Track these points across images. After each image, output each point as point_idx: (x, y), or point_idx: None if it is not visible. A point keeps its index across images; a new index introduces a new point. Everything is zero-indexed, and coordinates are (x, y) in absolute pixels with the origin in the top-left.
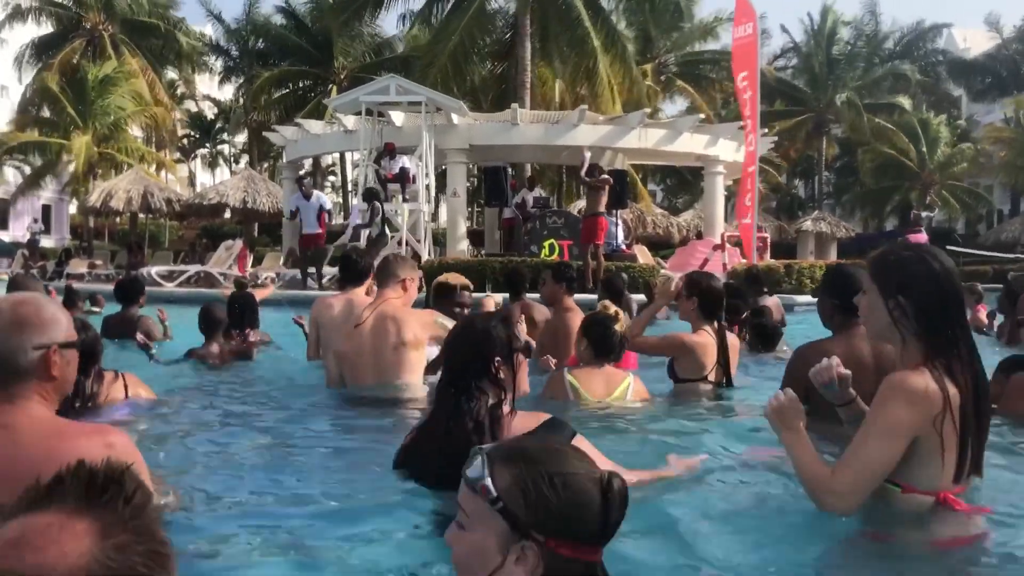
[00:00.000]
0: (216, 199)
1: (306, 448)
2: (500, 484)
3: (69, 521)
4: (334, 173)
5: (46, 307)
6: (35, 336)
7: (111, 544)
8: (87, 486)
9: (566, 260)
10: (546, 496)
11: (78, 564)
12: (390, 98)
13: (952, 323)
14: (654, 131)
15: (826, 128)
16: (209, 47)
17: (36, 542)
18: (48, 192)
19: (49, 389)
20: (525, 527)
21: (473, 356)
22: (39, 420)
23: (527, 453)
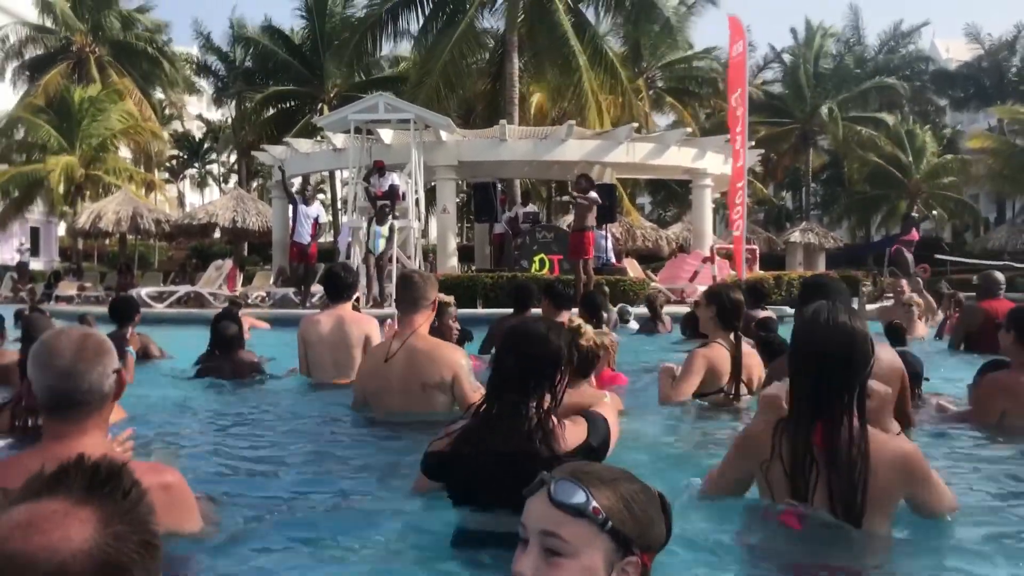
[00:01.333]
0: (205, 219)
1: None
2: (604, 503)
3: (74, 509)
4: (323, 191)
5: (103, 336)
6: (112, 360)
7: (110, 532)
8: (90, 478)
9: (556, 275)
10: (644, 510)
11: (80, 548)
12: (379, 116)
13: (803, 381)
14: (642, 145)
15: (812, 140)
16: (197, 68)
17: (43, 526)
18: (36, 215)
19: (110, 412)
20: (629, 544)
21: (540, 363)
22: (105, 449)
23: (610, 472)
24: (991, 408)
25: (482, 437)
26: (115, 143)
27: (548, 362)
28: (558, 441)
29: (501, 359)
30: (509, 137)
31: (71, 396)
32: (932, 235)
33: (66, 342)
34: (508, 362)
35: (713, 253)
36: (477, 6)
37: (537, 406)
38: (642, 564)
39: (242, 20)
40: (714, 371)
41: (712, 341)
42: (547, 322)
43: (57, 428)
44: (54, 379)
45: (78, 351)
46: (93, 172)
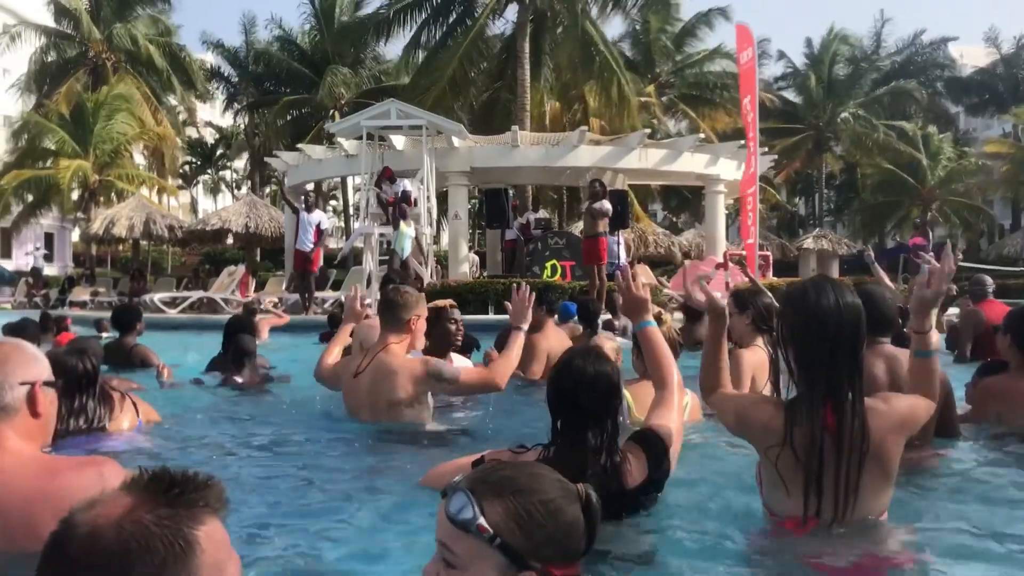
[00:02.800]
0: (218, 225)
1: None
2: (493, 519)
3: (124, 496)
4: (335, 197)
5: (27, 346)
6: (19, 372)
7: (134, 516)
8: (152, 480)
9: (568, 281)
10: (541, 524)
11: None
12: (391, 122)
13: (813, 363)
14: (654, 151)
15: (826, 146)
16: (210, 74)
17: (103, 502)
18: (50, 220)
19: (33, 428)
20: (524, 558)
21: (600, 399)
22: (26, 459)
23: (512, 482)
24: (986, 412)
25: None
26: (128, 149)
27: (608, 396)
28: (625, 477)
29: (561, 399)
30: (521, 143)
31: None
32: (947, 242)
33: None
34: (569, 401)
35: (726, 259)
36: (488, 12)
37: (602, 441)
38: (547, 574)
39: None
40: (757, 374)
41: (752, 345)
42: (591, 352)
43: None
44: None
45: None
46: (106, 178)
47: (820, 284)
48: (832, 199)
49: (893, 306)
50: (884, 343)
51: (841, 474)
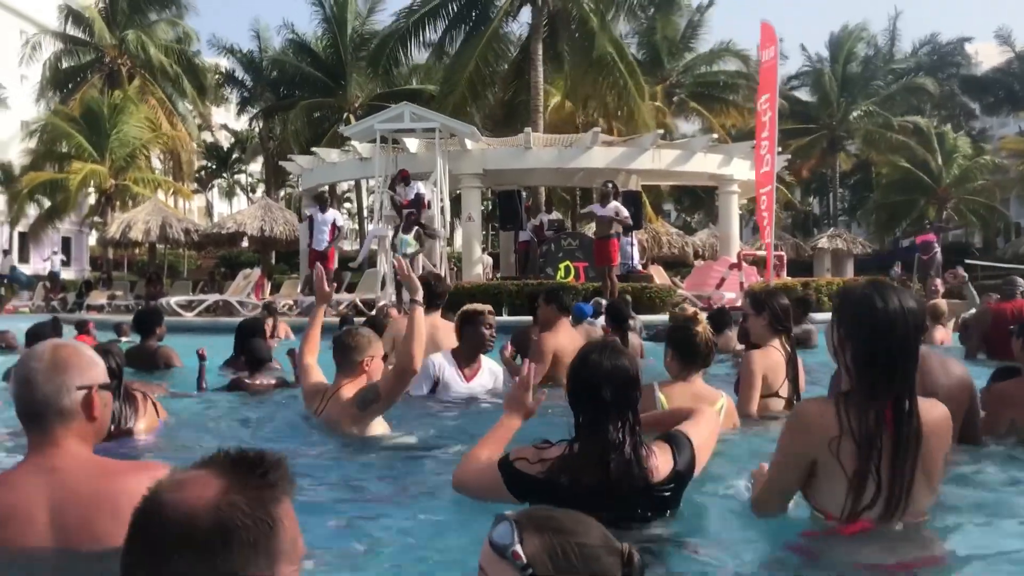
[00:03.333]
0: (234, 228)
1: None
2: (529, 551)
3: (214, 478)
4: (350, 200)
5: (85, 350)
6: (77, 377)
7: (228, 499)
8: (234, 460)
9: (582, 283)
10: (573, 566)
11: (205, 505)
12: (404, 125)
13: (878, 365)
14: (667, 152)
15: (840, 145)
16: (224, 78)
17: (187, 484)
18: (68, 224)
19: (89, 431)
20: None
21: (631, 389)
22: (84, 461)
23: (556, 522)
24: (999, 418)
25: (579, 468)
26: (145, 153)
27: (627, 388)
28: (651, 470)
29: (592, 392)
30: (534, 145)
31: (29, 405)
32: (962, 240)
33: (38, 352)
34: (602, 395)
35: (740, 259)
36: (502, 15)
37: (624, 434)
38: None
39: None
40: (769, 373)
41: (767, 346)
42: (610, 346)
43: (32, 438)
44: (16, 387)
45: (40, 362)
46: (123, 182)
47: (883, 288)
48: (847, 198)
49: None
50: None
51: (896, 472)
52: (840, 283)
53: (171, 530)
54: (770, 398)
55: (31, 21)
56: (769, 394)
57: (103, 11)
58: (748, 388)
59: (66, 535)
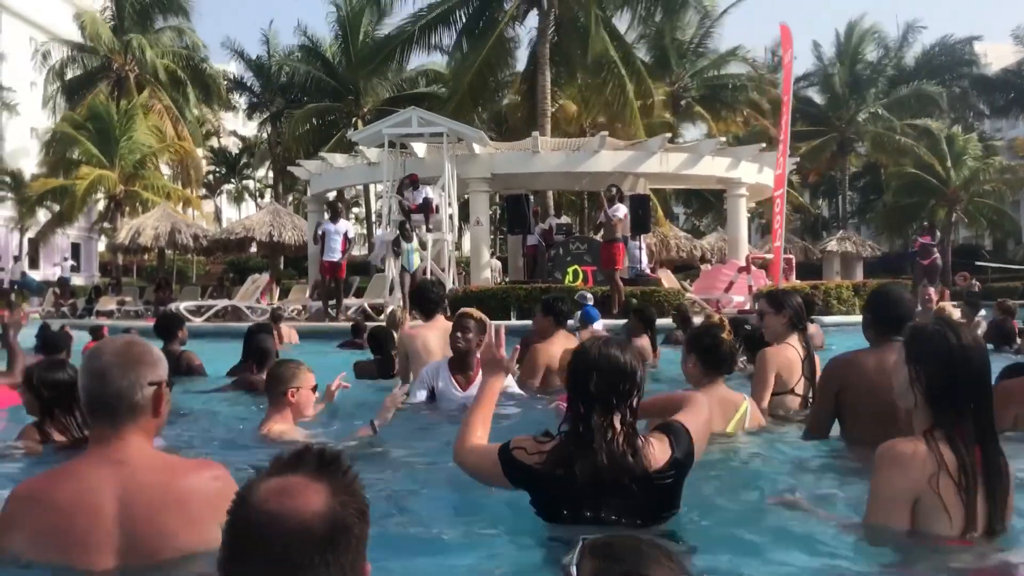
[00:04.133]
0: (242, 233)
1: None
2: (583, 573)
3: (311, 483)
4: (358, 205)
5: (153, 347)
6: (149, 373)
7: (338, 500)
8: (319, 460)
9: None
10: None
11: (318, 511)
12: (412, 130)
13: (958, 398)
14: (675, 155)
15: (850, 148)
16: (233, 84)
17: (291, 492)
18: (77, 230)
19: (152, 426)
20: None
21: (620, 382)
22: (150, 456)
23: (613, 550)
24: (1004, 415)
25: (571, 459)
26: (154, 160)
27: (627, 380)
28: (648, 459)
29: (582, 382)
30: (542, 149)
31: (101, 399)
32: (972, 243)
33: (109, 347)
34: (590, 385)
35: (748, 263)
36: (508, 19)
37: (619, 424)
38: None
39: (277, 34)
40: (783, 371)
41: (783, 343)
42: (615, 341)
43: (98, 432)
44: (88, 380)
45: (115, 356)
46: (132, 188)
47: (952, 325)
48: (856, 201)
49: (911, 307)
50: (899, 341)
51: (994, 497)
52: (849, 286)
53: (296, 540)
54: (785, 395)
55: (42, 29)
56: (784, 391)
57: (110, 18)
58: (760, 384)
59: (132, 528)
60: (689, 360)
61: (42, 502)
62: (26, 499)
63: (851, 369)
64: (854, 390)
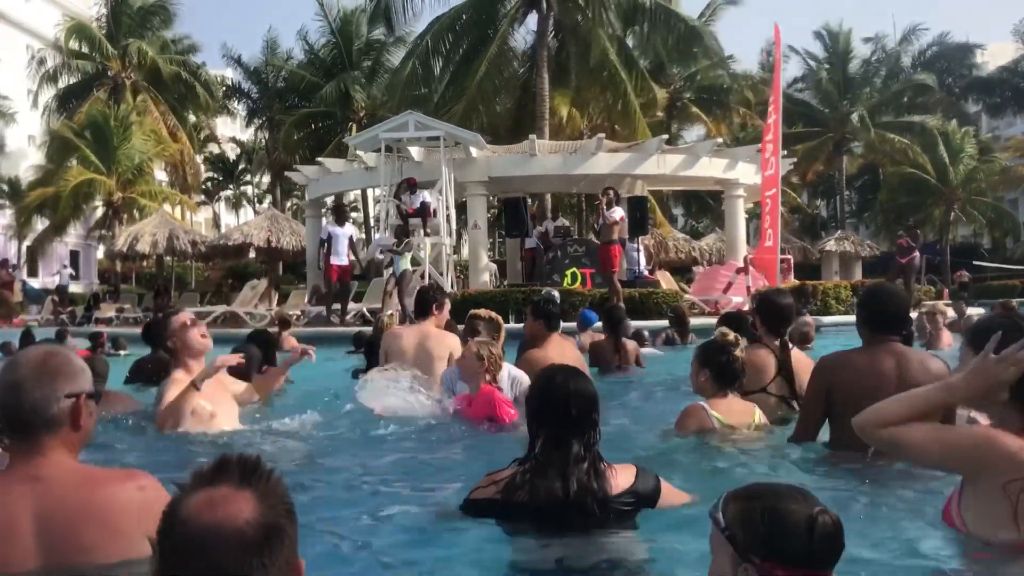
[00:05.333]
0: (240, 239)
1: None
2: (728, 517)
3: (239, 491)
4: (356, 209)
5: (75, 358)
6: (66, 385)
7: (267, 504)
8: (242, 468)
9: (589, 289)
10: (757, 525)
11: (251, 518)
12: (409, 134)
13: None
14: (672, 157)
15: (846, 147)
16: (230, 90)
17: (220, 503)
18: (75, 238)
19: (75, 440)
20: (744, 551)
21: (593, 409)
22: (69, 470)
23: (751, 491)
24: None
25: (539, 484)
26: (150, 166)
27: (594, 406)
28: (608, 481)
29: (549, 408)
30: (539, 152)
31: (16, 413)
32: (971, 242)
33: (25, 359)
34: (559, 411)
35: (747, 263)
36: (508, 23)
37: (586, 448)
38: (765, 571)
39: (275, 41)
40: (753, 368)
41: (758, 343)
42: (569, 368)
43: (16, 446)
44: (3, 393)
45: (31, 368)
46: (129, 195)
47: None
48: (854, 200)
49: (905, 306)
50: (894, 340)
51: None
52: (847, 286)
53: (234, 549)
54: (758, 394)
55: (38, 37)
56: (757, 389)
57: (105, 25)
58: None
59: (51, 546)
60: (700, 374)
61: None
62: None
63: (841, 368)
64: (845, 390)
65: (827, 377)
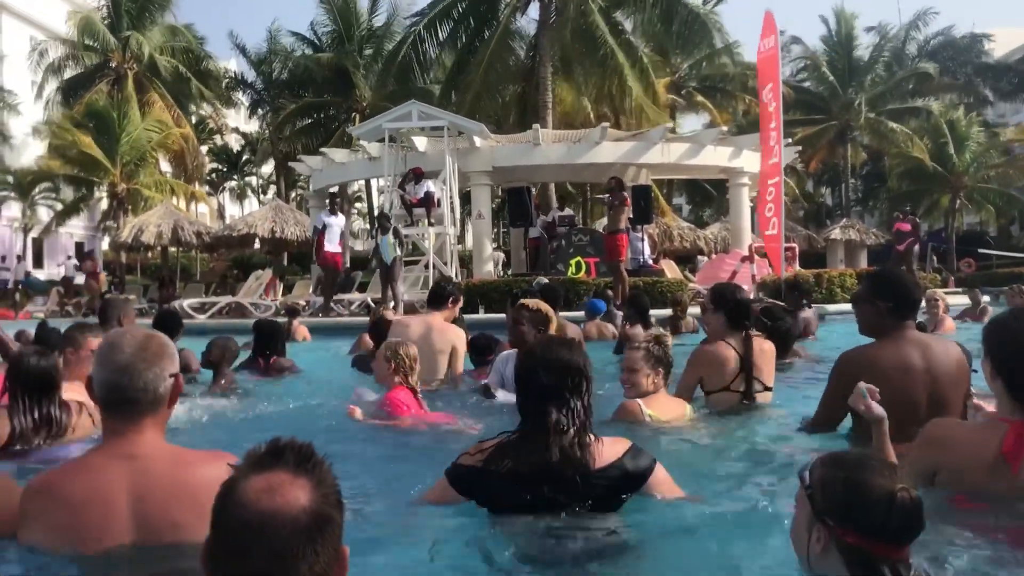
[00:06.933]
0: (245, 230)
1: None
2: (813, 478)
3: (295, 478)
4: (360, 199)
5: (169, 340)
6: (170, 365)
7: (320, 493)
8: (298, 455)
9: (593, 278)
10: (837, 492)
11: (306, 505)
12: (412, 124)
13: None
14: (677, 145)
15: (850, 135)
16: (234, 81)
17: (279, 489)
18: (81, 229)
19: (166, 417)
20: (820, 512)
21: (565, 376)
22: (162, 450)
23: (840, 459)
24: None
25: (521, 453)
26: (154, 156)
27: (573, 375)
28: (594, 455)
29: (527, 378)
30: (543, 141)
31: (125, 392)
32: (977, 229)
33: (129, 340)
34: (536, 380)
35: (751, 252)
36: (510, 11)
37: (572, 419)
38: (835, 536)
39: (279, 32)
40: (715, 366)
41: (717, 340)
42: (560, 338)
43: (114, 425)
44: (111, 374)
45: (138, 349)
46: (134, 186)
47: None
48: (859, 188)
49: (919, 290)
50: (911, 327)
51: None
52: (853, 274)
53: (290, 535)
54: (721, 392)
55: (43, 28)
56: (719, 388)
57: (108, 16)
58: (683, 383)
59: (146, 523)
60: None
61: (55, 496)
62: (40, 493)
63: (870, 368)
64: None
65: (854, 376)
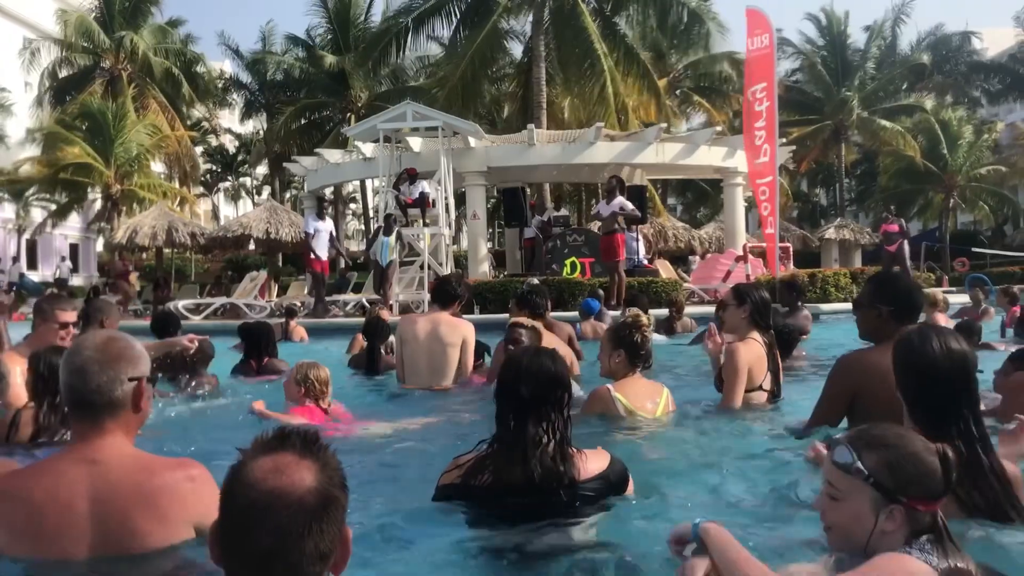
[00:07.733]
0: (240, 231)
1: None
2: (869, 464)
3: (300, 460)
4: (355, 200)
5: (135, 343)
6: (129, 368)
7: (326, 475)
8: (303, 439)
9: (588, 278)
10: (906, 469)
11: (312, 486)
12: (407, 124)
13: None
14: (671, 145)
15: (844, 135)
16: (228, 82)
17: (285, 470)
18: (75, 231)
19: (134, 422)
20: (892, 493)
21: (545, 389)
22: (125, 455)
23: (883, 438)
24: (1017, 406)
25: (500, 466)
26: (148, 157)
27: (553, 387)
28: (577, 468)
29: (506, 390)
30: (537, 141)
31: (80, 394)
32: (970, 228)
33: (90, 342)
34: (516, 392)
35: (746, 252)
36: (502, 11)
37: (551, 432)
38: (912, 509)
39: (273, 31)
40: (753, 367)
41: (748, 338)
42: (537, 348)
43: (78, 428)
44: (68, 375)
45: (96, 351)
46: (128, 187)
47: (924, 332)
48: (853, 188)
49: (921, 294)
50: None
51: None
52: (847, 273)
53: (296, 514)
54: (753, 392)
55: (35, 28)
56: (752, 388)
57: (101, 16)
58: (733, 381)
59: (105, 529)
60: (616, 355)
61: (14, 498)
62: (1, 494)
63: (869, 372)
64: (872, 395)
65: (855, 380)
